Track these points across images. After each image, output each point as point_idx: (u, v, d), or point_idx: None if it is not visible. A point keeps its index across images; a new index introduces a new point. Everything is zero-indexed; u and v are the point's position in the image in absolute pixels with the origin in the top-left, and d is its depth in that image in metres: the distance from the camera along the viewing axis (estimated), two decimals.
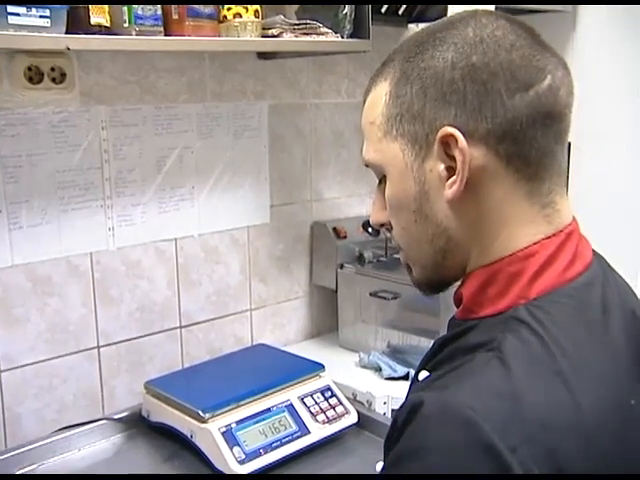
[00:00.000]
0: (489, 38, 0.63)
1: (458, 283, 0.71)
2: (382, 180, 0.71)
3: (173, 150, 1.45)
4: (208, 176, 1.51)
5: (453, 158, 0.63)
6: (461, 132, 0.62)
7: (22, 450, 1.26)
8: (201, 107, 1.48)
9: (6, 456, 1.25)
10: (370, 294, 1.58)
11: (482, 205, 0.65)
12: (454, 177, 0.63)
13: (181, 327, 1.51)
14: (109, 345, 1.40)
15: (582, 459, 0.55)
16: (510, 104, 0.62)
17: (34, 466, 1.26)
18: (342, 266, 1.64)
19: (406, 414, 0.57)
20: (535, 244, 0.64)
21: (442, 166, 0.64)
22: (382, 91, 0.68)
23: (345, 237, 1.64)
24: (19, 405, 1.30)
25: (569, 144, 1.45)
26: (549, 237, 0.64)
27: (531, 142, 0.63)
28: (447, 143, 0.63)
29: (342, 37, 1.34)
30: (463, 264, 0.68)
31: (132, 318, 1.43)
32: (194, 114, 1.47)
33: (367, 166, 0.72)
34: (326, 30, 1.32)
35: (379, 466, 0.78)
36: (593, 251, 0.69)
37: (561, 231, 0.65)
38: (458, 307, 0.69)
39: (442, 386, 0.58)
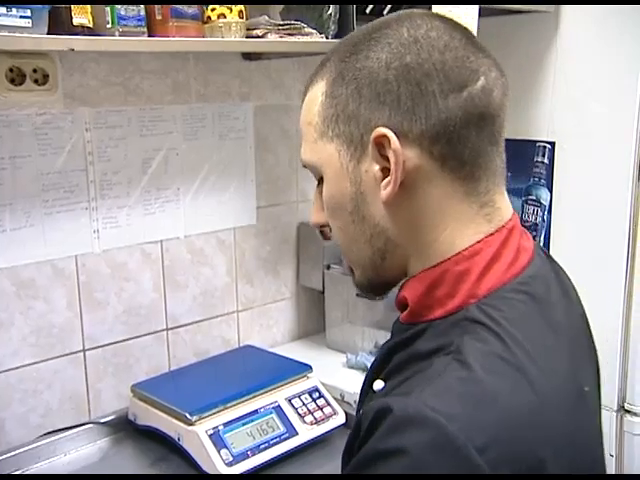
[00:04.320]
0: (423, 39, 0.63)
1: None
2: (320, 181, 0.71)
3: (158, 152, 1.44)
4: (194, 177, 1.50)
5: (388, 159, 0.63)
6: (395, 133, 0.62)
7: (7, 456, 1.25)
8: (186, 108, 1.47)
9: None
10: (357, 294, 1.57)
11: (419, 206, 0.64)
12: (388, 178, 0.63)
13: (168, 329, 1.50)
14: (95, 348, 1.39)
15: (548, 451, 0.56)
16: (444, 105, 0.62)
17: (19, 472, 1.25)
18: (329, 267, 1.64)
19: (372, 419, 0.56)
20: (479, 242, 0.64)
21: (377, 167, 0.64)
22: (318, 91, 0.68)
23: (331, 238, 1.63)
24: (3, 410, 1.28)
25: (553, 144, 1.46)
26: (492, 234, 0.65)
27: (465, 143, 0.63)
28: (381, 144, 0.63)
29: (327, 37, 1.34)
30: (403, 265, 0.68)
31: (118, 321, 1.42)
32: (179, 115, 1.46)
33: (305, 167, 0.71)
34: (310, 31, 1.31)
35: None
36: (533, 242, 0.70)
37: (503, 227, 0.66)
38: (402, 311, 0.68)
39: (405, 392, 0.57)
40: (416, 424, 0.53)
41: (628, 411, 1.37)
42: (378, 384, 0.67)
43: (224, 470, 1.18)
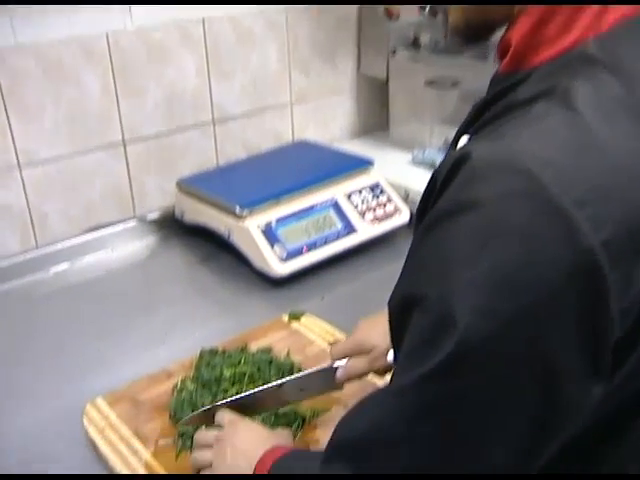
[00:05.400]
0: None
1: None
2: None
3: None
4: None
5: None
6: None
7: (55, 249, 1.22)
8: None
9: (39, 254, 1.21)
10: (426, 83, 1.40)
11: None
12: None
13: (214, 121, 1.37)
14: (136, 141, 1.28)
15: None
16: None
17: (66, 264, 1.23)
18: (394, 52, 1.45)
19: (448, 169, 0.48)
20: None
21: None
22: None
23: (398, 18, 1.42)
24: (45, 203, 1.21)
25: None
26: None
27: None
28: None
29: None
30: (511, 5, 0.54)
31: (159, 110, 1.29)
32: None
33: None
34: None
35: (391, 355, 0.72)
36: None
37: None
38: (503, 59, 0.56)
39: (492, 137, 0.48)
40: (502, 170, 0.44)
41: None
42: (463, 140, 0.57)
43: (277, 266, 1.11)
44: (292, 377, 0.80)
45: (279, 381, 0.79)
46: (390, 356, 0.75)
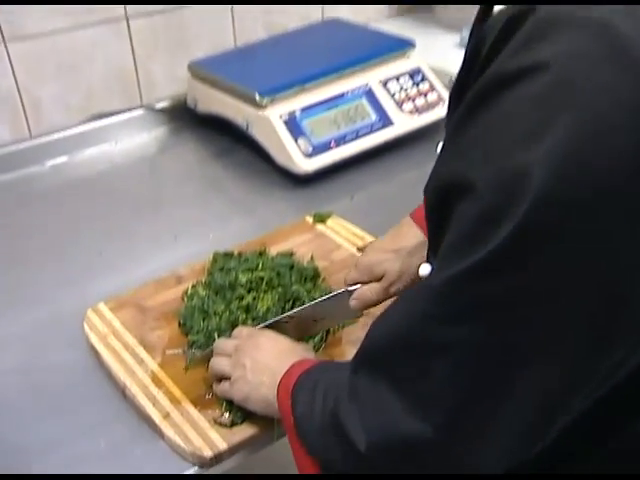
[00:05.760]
0: None
1: None
2: None
3: None
4: None
5: None
6: None
7: (51, 138, 1.12)
8: None
9: (34, 143, 1.11)
10: None
11: None
12: None
13: None
14: (140, 16, 1.13)
15: None
16: None
17: (65, 157, 1.13)
18: None
19: (502, 26, 0.41)
20: None
21: None
22: None
23: None
24: (38, 88, 1.09)
25: None
26: None
27: None
28: None
29: None
30: None
31: None
32: None
33: None
34: None
35: (423, 269, 0.64)
36: None
37: None
38: None
39: None
40: (574, 24, 0.38)
41: None
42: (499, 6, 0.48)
43: (301, 161, 1.01)
44: (301, 307, 0.71)
45: (287, 313, 0.71)
46: (423, 270, 0.65)
